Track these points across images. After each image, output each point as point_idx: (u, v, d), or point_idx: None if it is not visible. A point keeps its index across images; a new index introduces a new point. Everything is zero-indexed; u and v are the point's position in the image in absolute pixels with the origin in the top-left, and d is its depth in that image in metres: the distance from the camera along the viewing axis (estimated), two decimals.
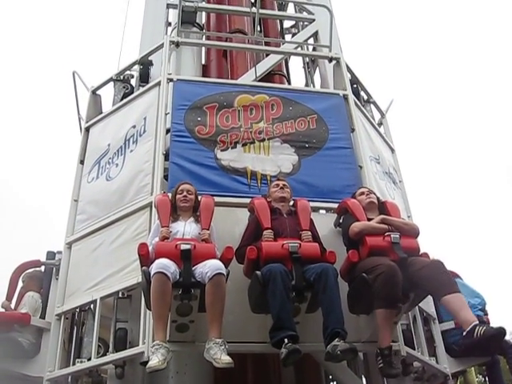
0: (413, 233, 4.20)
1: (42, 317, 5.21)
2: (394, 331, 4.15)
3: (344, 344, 3.38)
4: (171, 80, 5.56)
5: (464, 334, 3.70)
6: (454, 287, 3.76)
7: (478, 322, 3.58)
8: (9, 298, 5.53)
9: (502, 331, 3.56)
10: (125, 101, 5.96)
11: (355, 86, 6.66)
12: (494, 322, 5.78)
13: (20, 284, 5.66)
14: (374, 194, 4.68)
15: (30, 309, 5.23)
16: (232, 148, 5.16)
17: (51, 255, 5.70)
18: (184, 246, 3.65)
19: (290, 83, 8.42)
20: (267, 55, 7.16)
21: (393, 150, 6.74)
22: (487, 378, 5.98)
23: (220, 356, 3.33)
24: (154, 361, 3.30)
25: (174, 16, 7.95)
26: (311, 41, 7.65)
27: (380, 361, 3.74)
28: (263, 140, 5.29)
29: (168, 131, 5.17)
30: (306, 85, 8.49)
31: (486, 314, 5.69)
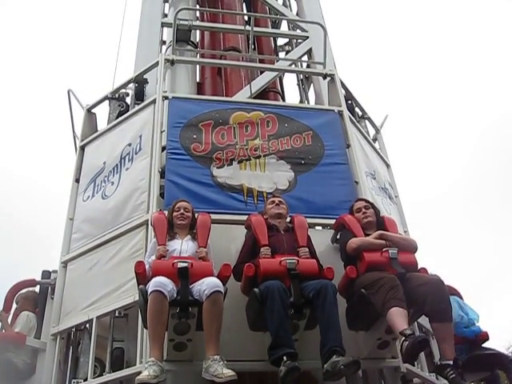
0: (411, 248, 4.19)
1: (37, 337, 5.15)
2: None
3: (346, 358, 3.35)
4: (166, 98, 5.58)
5: (437, 363, 3.76)
6: (447, 315, 3.73)
7: (451, 363, 3.59)
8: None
9: None
10: (120, 119, 5.97)
11: (350, 101, 6.70)
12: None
13: (14, 305, 5.61)
14: (372, 204, 4.64)
15: (23, 328, 5.17)
16: (228, 165, 5.16)
17: (46, 274, 5.65)
18: (181, 265, 3.63)
19: (284, 100, 8.44)
20: (262, 72, 7.21)
21: (388, 166, 6.76)
22: None
23: (221, 371, 3.29)
24: (144, 373, 3.29)
25: (168, 34, 8.00)
26: (305, 58, 7.70)
27: (403, 340, 3.46)
28: (259, 157, 5.30)
29: (164, 149, 5.18)
30: (301, 102, 8.51)
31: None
